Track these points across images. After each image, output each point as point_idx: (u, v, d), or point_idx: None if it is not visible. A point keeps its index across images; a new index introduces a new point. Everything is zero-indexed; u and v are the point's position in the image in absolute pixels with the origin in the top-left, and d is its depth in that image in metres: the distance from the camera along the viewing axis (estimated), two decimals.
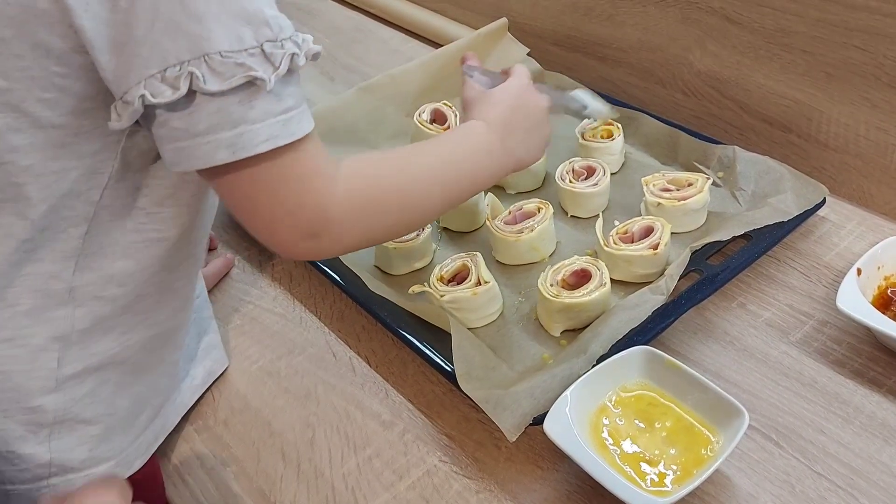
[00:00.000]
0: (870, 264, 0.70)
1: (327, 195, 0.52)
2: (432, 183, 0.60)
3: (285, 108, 0.48)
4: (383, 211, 0.56)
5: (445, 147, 0.64)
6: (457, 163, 0.63)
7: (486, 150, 0.65)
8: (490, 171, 0.65)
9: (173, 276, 0.60)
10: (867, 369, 0.67)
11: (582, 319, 0.71)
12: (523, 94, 0.70)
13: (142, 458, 0.63)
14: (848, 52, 0.78)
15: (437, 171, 0.61)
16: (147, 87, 0.45)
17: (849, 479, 0.59)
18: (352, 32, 1.28)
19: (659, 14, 0.94)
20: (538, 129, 0.70)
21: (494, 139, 0.65)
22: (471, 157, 0.64)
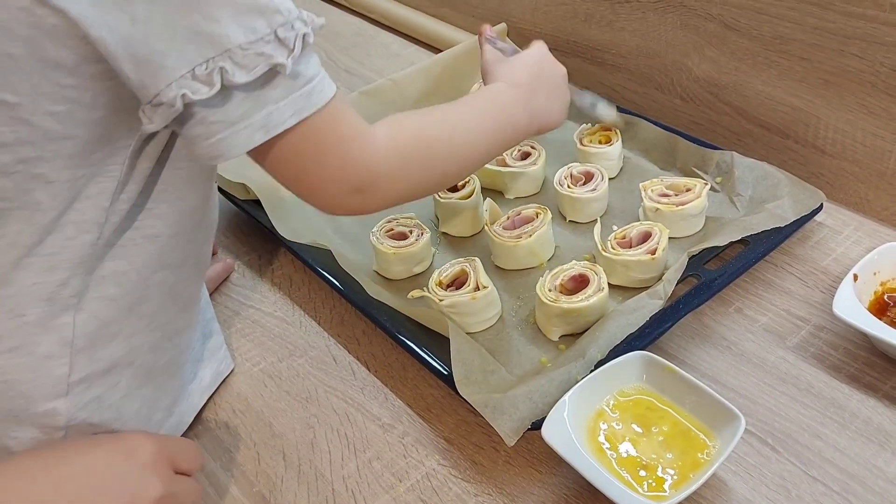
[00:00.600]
0: (866, 270, 0.71)
1: (370, 151, 0.55)
2: (472, 132, 0.64)
3: (305, 80, 0.51)
4: (426, 161, 0.60)
5: (478, 102, 0.69)
6: (493, 114, 0.67)
7: (513, 105, 0.69)
8: (519, 126, 0.69)
9: (176, 276, 0.61)
10: (863, 374, 0.67)
11: (580, 324, 0.71)
12: (544, 60, 0.76)
13: None
14: (845, 60, 0.79)
15: (475, 121, 0.65)
16: (183, 87, 0.47)
17: (844, 483, 0.60)
18: (352, 37, 1.29)
19: (658, 20, 0.95)
20: (559, 93, 0.76)
21: (520, 97, 0.70)
22: (503, 110, 0.68)
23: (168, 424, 0.65)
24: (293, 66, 0.50)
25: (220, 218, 0.93)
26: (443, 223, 0.86)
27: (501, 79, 0.72)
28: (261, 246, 0.89)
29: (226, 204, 0.92)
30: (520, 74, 0.72)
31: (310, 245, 0.82)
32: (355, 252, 0.84)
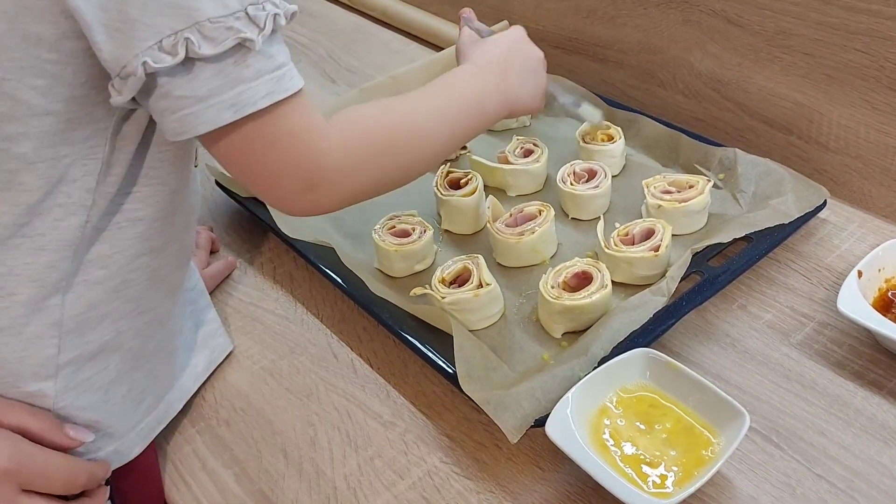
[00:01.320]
0: (870, 266, 0.70)
1: (323, 146, 0.54)
2: (437, 119, 0.63)
3: (277, 65, 0.51)
4: (385, 155, 0.59)
5: (445, 86, 0.66)
6: (460, 97, 0.65)
7: (482, 88, 0.67)
8: (489, 109, 0.67)
9: (159, 261, 0.61)
10: (868, 371, 0.67)
11: (583, 321, 0.71)
12: (519, 41, 0.74)
13: (141, 443, 0.64)
14: (848, 55, 0.78)
15: (441, 107, 0.63)
16: (147, 56, 0.47)
17: (849, 481, 0.60)
18: (353, 34, 1.29)
19: (660, 16, 0.95)
20: (535, 76, 0.73)
21: (489, 79, 0.68)
22: (471, 93, 0.66)
23: (158, 410, 0.66)
24: (264, 46, 0.50)
25: (221, 216, 0.93)
26: (445, 220, 0.86)
27: (472, 60, 0.71)
28: (262, 243, 0.89)
29: (227, 201, 0.92)
30: (491, 56, 0.70)
31: (311, 242, 0.82)
32: (357, 249, 0.83)
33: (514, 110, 0.71)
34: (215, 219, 0.93)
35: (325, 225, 0.86)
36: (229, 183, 0.90)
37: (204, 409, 0.71)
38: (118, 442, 0.62)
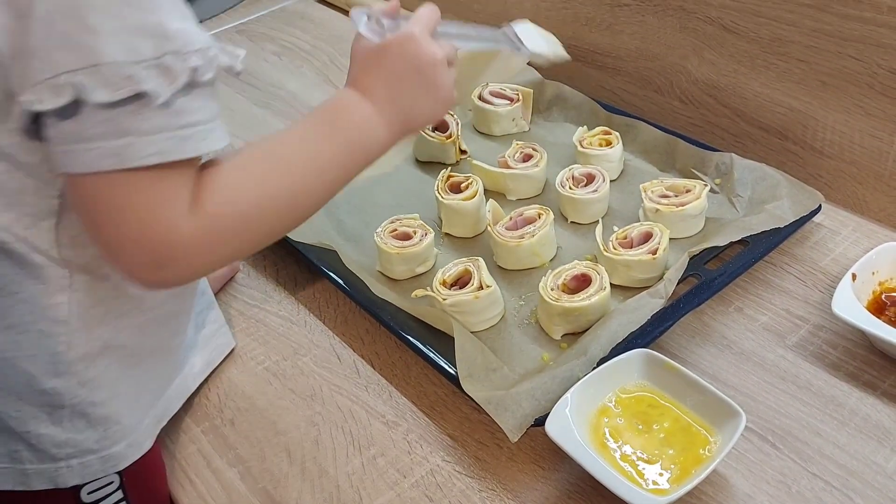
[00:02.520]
0: (864, 270, 0.72)
1: (182, 228, 0.48)
2: (310, 179, 0.56)
3: (187, 123, 0.47)
4: (247, 230, 0.53)
5: (323, 128, 0.57)
6: (339, 141, 0.57)
7: (367, 122, 0.58)
8: (373, 146, 0.59)
9: None
10: (862, 372, 0.68)
11: (582, 323, 0.72)
12: (409, 49, 0.60)
13: (150, 439, 0.65)
14: (842, 62, 0.80)
15: (315, 161, 0.56)
16: (33, 94, 0.45)
17: (844, 479, 0.61)
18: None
19: (657, 23, 0.96)
20: (432, 87, 0.61)
21: (374, 110, 0.59)
22: (354, 132, 0.58)
23: (156, 408, 0.66)
24: (177, 99, 0.46)
25: None
26: (446, 224, 0.87)
27: (355, 83, 0.60)
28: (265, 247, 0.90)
29: None
30: (377, 77, 0.60)
31: (314, 245, 0.83)
32: (358, 252, 0.84)
33: (409, 132, 0.62)
34: None
35: (328, 228, 0.88)
36: None
37: (209, 408, 0.72)
38: (131, 436, 0.62)
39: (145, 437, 0.64)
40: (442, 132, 0.97)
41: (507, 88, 1.02)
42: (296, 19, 1.38)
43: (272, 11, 1.42)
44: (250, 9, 1.43)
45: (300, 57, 1.26)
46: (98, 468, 0.61)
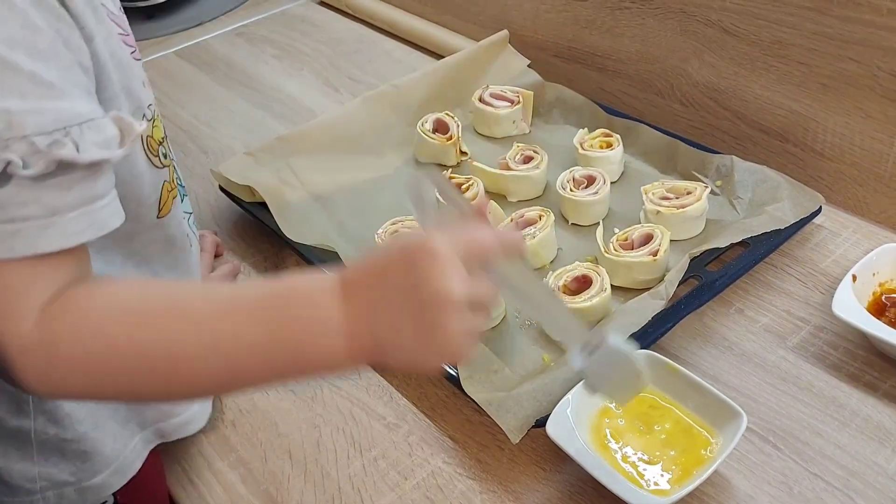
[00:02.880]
0: (865, 271, 0.72)
1: (14, 331, 0.42)
2: (197, 353, 0.43)
3: (7, 218, 0.41)
4: (99, 383, 0.44)
5: (247, 305, 0.44)
6: (258, 333, 0.43)
7: (319, 326, 0.44)
8: (318, 355, 0.44)
9: (141, 272, 0.59)
10: (863, 373, 0.68)
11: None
12: (419, 268, 0.43)
13: (139, 460, 0.63)
14: (843, 64, 0.80)
15: (211, 337, 0.43)
16: None
17: (845, 480, 0.61)
18: (355, 43, 1.30)
19: (658, 26, 0.96)
20: (427, 327, 0.43)
21: (341, 315, 0.43)
22: (289, 328, 0.44)
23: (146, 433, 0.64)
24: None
25: (225, 221, 0.94)
26: None
27: (344, 273, 0.45)
28: (266, 248, 0.90)
29: (231, 206, 0.93)
30: (369, 283, 0.44)
31: (315, 246, 0.83)
32: (360, 254, 0.84)
33: (380, 365, 0.49)
34: (219, 224, 0.94)
35: (329, 229, 0.88)
36: (233, 188, 0.91)
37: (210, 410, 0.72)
38: (115, 463, 0.61)
39: (133, 459, 0.62)
40: (442, 134, 0.97)
41: (507, 90, 1.02)
42: (296, 22, 1.39)
43: (272, 14, 1.42)
44: (250, 11, 1.44)
45: (300, 60, 1.27)
46: (76, 500, 0.58)
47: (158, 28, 1.41)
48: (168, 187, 0.60)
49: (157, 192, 0.58)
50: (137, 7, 1.43)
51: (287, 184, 0.92)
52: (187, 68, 1.28)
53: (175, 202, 0.61)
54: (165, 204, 0.59)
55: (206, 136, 1.10)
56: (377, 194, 0.93)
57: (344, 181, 0.95)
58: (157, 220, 0.59)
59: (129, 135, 0.45)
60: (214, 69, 1.26)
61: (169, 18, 1.44)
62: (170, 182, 0.60)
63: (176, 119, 1.15)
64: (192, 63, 1.29)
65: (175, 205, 0.61)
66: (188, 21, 1.42)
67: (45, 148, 0.41)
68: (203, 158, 1.06)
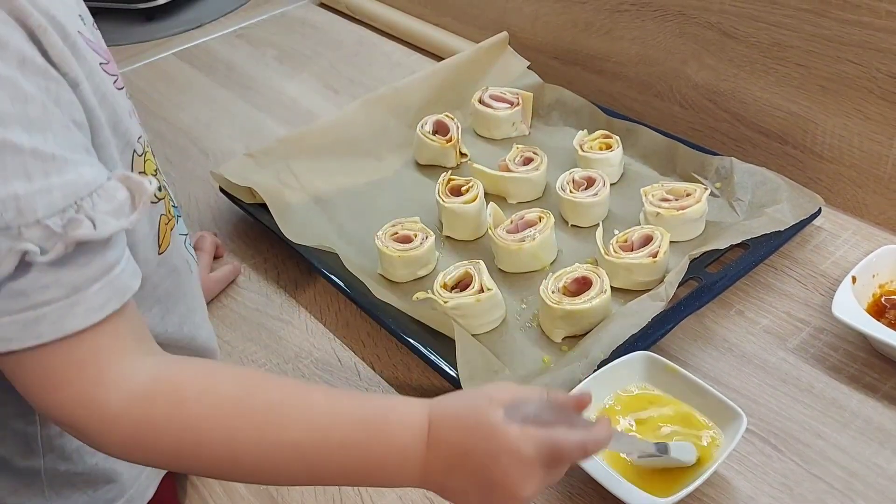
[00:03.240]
0: (865, 272, 0.72)
1: (93, 425, 0.43)
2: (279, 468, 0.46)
3: (29, 305, 0.40)
4: (172, 460, 0.46)
5: (341, 428, 0.46)
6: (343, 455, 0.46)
7: (400, 468, 0.46)
8: (390, 480, 0.48)
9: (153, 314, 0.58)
10: (863, 375, 0.68)
11: (583, 326, 0.72)
12: (501, 465, 0.45)
13: (153, 485, 0.62)
14: (841, 66, 0.80)
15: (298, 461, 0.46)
16: None
17: (846, 481, 0.61)
18: (355, 46, 1.30)
19: (657, 28, 0.96)
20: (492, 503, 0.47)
21: (420, 460, 0.46)
22: (372, 455, 0.46)
23: None
24: (8, 281, 0.39)
25: (226, 223, 0.94)
26: (447, 227, 0.87)
27: (432, 428, 0.46)
28: (267, 249, 0.90)
29: (232, 208, 0.93)
30: (451, 453, 0.46)
31: (315, 248, 0.83)
32: (359, 255, 0.85)
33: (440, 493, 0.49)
34: (220, 226, 0.94)
35: (329, 231, 0.88)
36: (233, 190, 0.91)
37: None
38: (130, 490, 0.59)
39: (147, 486, 0.61)
40: (442, 136, 0.97)
41: (507, 92, 1.02)
42: (297, 24, 1.39)
43: (273, 16, 1.42)
44: (250, 13, 1.44)
45: (300, 62, 1.27)
46: None
47: (158, 30, 1.41)
48: (165, 220, 0.57)
49: (155, 228, 0.56)
50: (137, 9, 1.44)
51: (287, 186, 0.92)
52: (187, 70, 1.28)
53: (174, 233, 0.59)
54: (164, 238, 0.57)
55: (207, 138, 1.10)
56: (377, 196, 0.93)
57: (344, 183, 0.95)
58: (159, 258, 0.57)
59: (140, 195, 0.44)
60: (215, 71, 1.27)
61: (169, 20, 1.44)
62: (166, 214, 0.58)
63: (176, 121, 1.15)
64: (193, 65, 1.29)
65: (174, 236, 0.59)
66: (188, 23, 1.42)
67: (60, 230, 0.40)
68: (203, 160, 1.06)
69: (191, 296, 0.63)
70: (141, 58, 1.32)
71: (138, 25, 1.43)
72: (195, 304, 0.63)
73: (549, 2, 1.08)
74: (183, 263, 0.61)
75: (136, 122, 0.55)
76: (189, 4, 1.48)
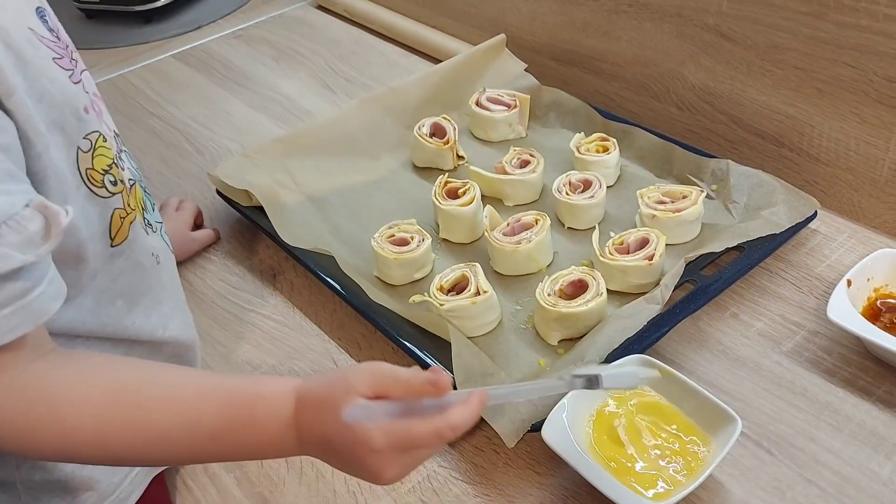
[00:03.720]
0: (860, 276, 0.72)
1: None
2: (150, 454, 0.50)
3: None
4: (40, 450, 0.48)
5: (208, 415, 0.49)
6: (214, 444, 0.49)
7: (276, 449, 0.50)
8: (268, 457, 0.56)
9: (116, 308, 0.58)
10: (857, 378, 0.68)
11: (578, 328, 0.72)
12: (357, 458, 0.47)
13: (138, 490, 0.62)
14: (838, 69, 0.80)
15: (170, 449, 0.49)
16: None
17: (839, 485, 0.61)
18: (352, 46, 1.30)
19: (654, 30, 0.96)
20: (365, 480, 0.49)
21: (294, 445, 0.49)
22: (244, 440, 0.49)
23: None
24: None
25: (222, 224, 0.94)
26: (443, 229, 0.87)
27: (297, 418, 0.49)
28: (263, 251, 0.90)
29: (228, 210, 0.93)
30: (326, 437, 0.48)
31: (311, 250, 0.83)
32: (356, 258, 0.85)
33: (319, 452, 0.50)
34: (216, 226, 0.94)
35: (325, 233, 0.88)
36: (230, 192, 0.91)
37: None
38: (111, 497, 0.60)
39: (132, 491, 0.61)
40: (439, 138, 0.97)
41: (504, 94, 1.02)
42: (294, 25, 1.39)
43: (271, 17, 1.42)
44: (248, 14, 1.44)
45: (298, 62, 1.27)
46: None
47: (156, 32, 1.41)
48: (121, 213, 0.57)
49: (106, 222, 0.55)
50: (136, 11, 1.43)
51: (283, 186, 0.92)
52: (184, 70, 1.28)
53: (133, 226, 0.58)
54: (119, 232, 0.56)
55: (203, 138, 1.10)
56: (373, 196, 0.93)
57: (340, 183, 0.95)
58: (111, 250, 0.56)
59: (55, 225, 0.44)
60: (212, 70, 1.26)
61: (167, 22, 1.44)
62: (123, 208, 0.57)
63: (172, 120, 1.15)
64: (189, 64, 1.29)
65: (134, 228, 0.58)
66: (186, 25, 1.42)
67: None
68: (199, 160, 1.06)
69: (159, 287, 0.62)
70: (139, 59, 1.32)
71: (136, 28, 1.43)
72: (163, 296, 0.62)
73: (547, 2, 1.08)
74: (147, 256, 0.60)
75: (95, 116, 0.55)
76: (187, 7, 1.48)
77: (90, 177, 0.53)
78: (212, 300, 0.84)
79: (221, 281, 0.86)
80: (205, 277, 0.87)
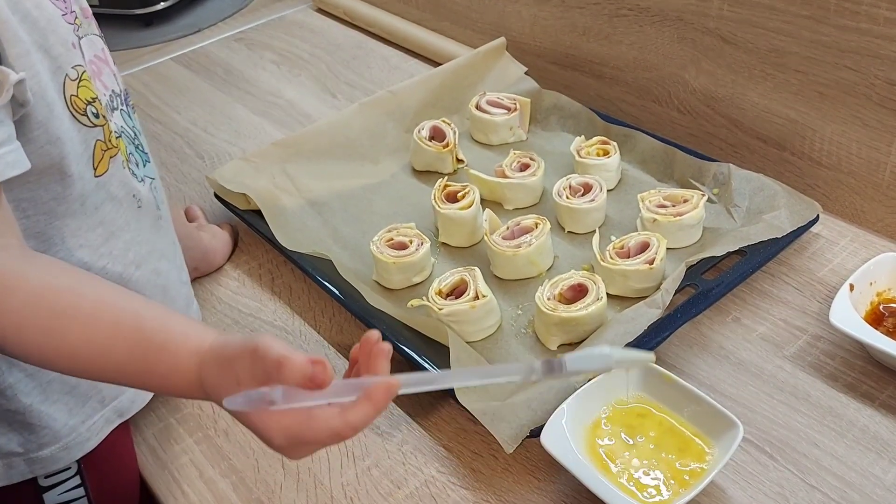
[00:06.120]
0: (862, 280, 0.71)
1: None
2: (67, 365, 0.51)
3: None
4: None
5: (121, 343, 0.50)
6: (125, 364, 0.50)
7: (183, 393, 0.55)
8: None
9: (115, 242, 0.61)
10: (860, 383, 0.68)
11: (579, 333, 0.72)
12: (261, 438, 0.49)
13: (96, 437, 0.64)
14: (840, 73, 0.80)
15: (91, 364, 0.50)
16: None
17: (842, 491, 0.60)
18: (353, 50, 1.30)
19: (655, 33, 0.96)
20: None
21: (203, 397, 0.50)
22: (150, 373, 0.51)
23: (109, 407, 0.65)
24: None
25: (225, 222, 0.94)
26: (442, 233, 0.87)
27: (205, 376, 0.49)
28: (261, 255, 0.90)
29: (226, 213, 0.93)
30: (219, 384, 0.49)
31: (310, 254, 0.83)
32: (355, 261, 0.84)
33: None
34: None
35: (324, 237, 0.87)
36: (228, 196, 0.91)
37: (202, 419, 0.71)
38: (66, 439, 0.62)
39: (89, 437, 0.63)
40: (439, 141, 0.97)
41: (504, 98, 1.02)
42: (294, 28, 1.39)
43: (271, 20, 1.42)
44: (249, 17, 1.44)
45: (298, 65, 1.26)
46: (24, 469, 0.60)
47: (157, 35, 1.41)
48: (102, 146, 0.61)
49: (90, 150, 0.59)
50: (136, 14, 1.43)
51: (282, 189, 0.92)
52: (185, 73, 1.28)
53: (113, 161, 0.62)
54: (101, 162, 0.60)
55: (204, 142, 1.10)
56: (373, 200, 0.93)
57: (339, 187, 0.94)
58: (95, 179, 0.60)
59: (3, 83, 0.49)
60: (212, 74, 1.26)
61: (167, 25, 1.44)
62: (104, 141, 0.61)
63: (172, 124, 1.15)
64: (190, 68, 1.29)
65: (114, 164, 0.62)
66: (187, 28, 1.42)
67: None
68: (200, 164, 1.06)
69: (137, 228, 0.65)
70: (139, 62, 1.32)
71: (137, 31, 1.43)
72: (140, 238, 0.65)
73: (548, 6, 1.08)
74: (126, 195, 0.64)
75: (77, 53, 0.59)
76: (187, 10, 1.48)
77: (74, 103, 0.58)
78: (211, 305, 0.83)
79: (220, 286, 0.86)
80: (203, 282, 0.86)
